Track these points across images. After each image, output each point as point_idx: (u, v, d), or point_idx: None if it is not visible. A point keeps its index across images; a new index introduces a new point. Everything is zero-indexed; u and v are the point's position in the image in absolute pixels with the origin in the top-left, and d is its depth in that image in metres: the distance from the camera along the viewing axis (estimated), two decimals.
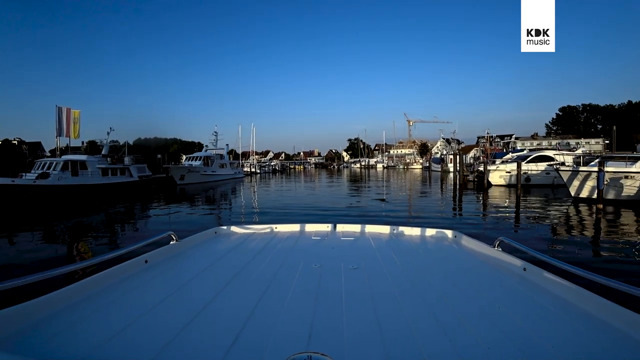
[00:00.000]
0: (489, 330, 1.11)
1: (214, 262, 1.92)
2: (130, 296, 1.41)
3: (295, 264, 1.85)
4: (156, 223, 12.72)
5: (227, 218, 13.75)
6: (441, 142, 79.05)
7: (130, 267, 1.71)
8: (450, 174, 42.91)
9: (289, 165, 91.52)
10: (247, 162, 58.07)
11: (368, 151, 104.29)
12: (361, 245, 2.34)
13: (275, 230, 2.78)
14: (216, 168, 37.18)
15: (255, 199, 20.52)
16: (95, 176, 21.69)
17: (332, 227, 2.80)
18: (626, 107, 72.60)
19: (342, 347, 1.00)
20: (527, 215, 11.93)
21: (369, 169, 74.38)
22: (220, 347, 1.00)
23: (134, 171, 25.29)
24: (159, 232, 2.08)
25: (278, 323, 1.16)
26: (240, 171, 45.67)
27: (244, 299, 1.38)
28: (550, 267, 1.51)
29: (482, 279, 1.62)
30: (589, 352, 0.99)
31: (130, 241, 2.51)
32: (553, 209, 13.50)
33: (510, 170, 21.13)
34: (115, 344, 1.02)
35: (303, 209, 14.59)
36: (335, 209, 14.54)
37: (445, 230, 2.57)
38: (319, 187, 28.58)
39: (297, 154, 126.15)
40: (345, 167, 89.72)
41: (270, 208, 15.55)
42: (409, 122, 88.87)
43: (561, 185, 20.71)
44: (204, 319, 1.20)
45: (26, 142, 69.82)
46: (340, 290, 1.46)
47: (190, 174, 32.42)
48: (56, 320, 1.16)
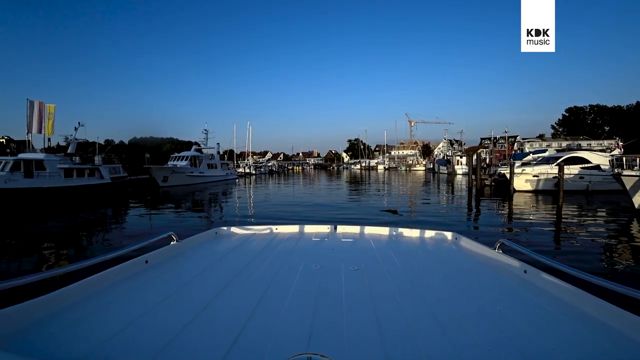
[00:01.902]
0: (489, 331, 1.11)
1: (214, 262, 1.92)
2: (131, 296, 1.39)
3: (295, 264, 1.84)
4: (116, 237, 10.03)
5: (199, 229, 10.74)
6: (444, 142, 76.54)
7: (131, 267, 1.70)
8: (458, 176, 40.51)
9: (287, 166, 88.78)
10: (243, 163, 55.31)
11: (368, 152, 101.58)
12: (361, 246, 2.32)
13: (276, 231, 2.76)
14: (205, 169, 34.14)
15: (238, 205, 17.58)
16: (55, 178, 18.63)
17: (332, 228, 2.79)
18: (635, 108, 70.92)
19: (342, 348, 1.00)
20: (589, 238, 8.89)
21: (370, 171, 71.41)
22: (221, 347, 1.00)
23: (105, 172, 22.25)
24: (159, 232, 2.07)
25: (278, 324, 1.16)
26: (233, 172, 42.58)
27: (245, 299, 1.37)
28: (551, 269, 1.49)
29: (482, 281, 1.61)
30: (589, 354, 0.98)
31: (128, 243, 1.86)
32: (618, 225, 10.38)
33: (538, 174, 18.23)
34: (116, 344, 1.02)
35: (297, 222, 11.56)
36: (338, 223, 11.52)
37: (446, 232, 2.58)
38: (317, 191, 25.49)
39: (296, 155, 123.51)
40: (345, 169, 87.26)
41: (260, 217, 12.79)
42: (411, 122, 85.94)
43: (598, 191, 17.81)
44: (204, 319, 1.19)
45: (15, 141, 67.05)
46: (340, 291, 1.45)
47: (175, 175, 29.43)
48: (56, 320, 1.15)
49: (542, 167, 18.42)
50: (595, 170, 18.06)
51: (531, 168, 18.39)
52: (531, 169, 18.33)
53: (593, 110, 77.23)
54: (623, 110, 72.74)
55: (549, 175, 18.02)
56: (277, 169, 70.32)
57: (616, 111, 73.82)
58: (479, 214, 13.21)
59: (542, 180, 18.20)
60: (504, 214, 13.13)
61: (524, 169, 18.11)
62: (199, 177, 32.67)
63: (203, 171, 33.66)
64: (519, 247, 1.72)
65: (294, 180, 41.43)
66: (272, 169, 65.76)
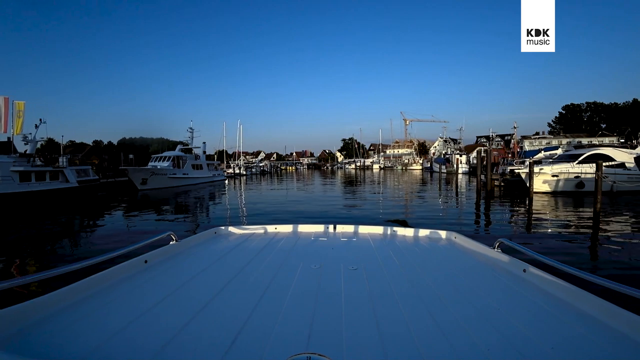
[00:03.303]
0: (488, 331, 1.11)
1: (213, 262, 1.91)
2: (130, 296, 1.39)
3: (294, 264, 1.84)
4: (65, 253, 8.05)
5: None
6: (439, 141, 74.96)
7: (130, 267, 1.69)
8: (458, 175, 38.61)
9: (280, 166, 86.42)
10: (234, 163, 52.89)
11: (363, 151, 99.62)
12: (361, 246, 2.31)
13: (275, 231, 2.75)
14: (189, 170, 31.68)
15: (211, 212, 15.34)
16: (7, 183, 16.16)
17: (331, 227, 2.78)
18: (631, 105, 70.81)
19: (341, 348, 1.00)
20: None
21: (365, 170, 69.39)
22: (220, 347, 0.99)
23: (71, 175, 19.76)
24: (158, 232, 2.05)
25: (277, 323, 1.15)
26: (221, 173, 40.08)
27: (244, 299, 1.37)
28: (550, 268, 1.48)
29: (481, 280, 1.60)
30: (588, 353, 0.98)
31: (129, 242, 1.82)
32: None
33: (558, 173, 16.25)
34: (115, 344, 1.02)
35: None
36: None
37: (445, 231, 2.54)
38: (310, 194, 23.29)
39: (290, 155, 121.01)
40: (339, 168, 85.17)
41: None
42: (406, 121, 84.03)
43: (623, 192, 15.99)
44: (203, 319, 1.19)
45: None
46: (339, 291, 1.45)
47: (155, 178, 27.01)
48: (56, 320, 1.15)
49: (563, 165, 16.42)
50: (620, 169, 16.19)
51: (549, 167, 16.37)
52: (550, 168, 16.30)
53: (590, 108, 76.88)
54: (619, 107, 72.53)
55: (570, 174, 16.08)
56: (269, 169, 67.95)
57: (612, 108, 73.56)
58: (489, 221, 11.25)
59: (561, 180, 16.22)
60: (521, 221, 11.15)
61: (542, 168, 16.09)
62: (183, 178, 30.23)
63: (187, 172, 31.20)
64: (518, 246, 1.71)
65: (286, 181, 39.00)
66: (263, 170, 63.38)
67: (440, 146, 71.74)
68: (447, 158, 48.25)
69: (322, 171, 77.02)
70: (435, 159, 52.11)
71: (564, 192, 16.28)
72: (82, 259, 1.43)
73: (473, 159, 48.49)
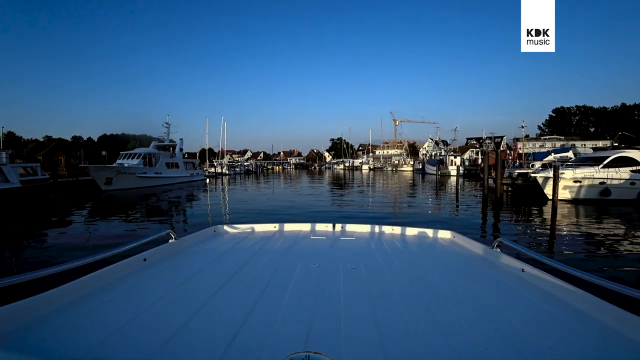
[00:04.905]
0: (487, 330, 1.10)
1: (212, 260, 1.89)
2: (129, 294, 1.38)
3: (294, 263, 1.83)
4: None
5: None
6: (429, 142, 73.57)
7: (129, 265, 1.69)
8: (451, 177, 36.81)
9: (266, 166, 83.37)
10: (218, 162, 49.79)
11: (352, 152, 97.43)
12: (360, 245, 2.30)
13: (274, 230, 2.74)
14: (162, 168, 28.66)
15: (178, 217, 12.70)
16: None
17: (331, 226, 2.77)
18: (620, 109, 71.52)
19: (340, 347, 0.99)
20: None
21: (354, 171, 67.14)
22: (219, 345, 0.99)
23: (12, 174, 16.62)
24: (157, 230, 2.03)
25: (276, 322, 1.14)
26: (200, 172, 37.05)
27: (243, 297, 1.36)
28: (548, 268, 1.48)
29: (480, 280, 1.60)
30: (586, 352, 0.98)
31: (127, 240, 1.85)
32: None
33: (581, 179, 14.23)
34: (114, 342, 1.01)
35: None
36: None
37: (444, 230, 2.54)
38: (297, 197, 20.77)
39: (277, 154, 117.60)
40: (327, 168, 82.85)
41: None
42: (395, 121, 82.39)
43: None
44: (202, 317, 1.18)
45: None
46: (338, 290, 1.44)
47: (122, 177, 24.01)
48: (55, 318, 1.14)
49: (586, 169, 14.41)
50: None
51: (571, 171, 14.33)
52: (571, 173, 14.27)
53: (579, 111, 77.28)
54: (608, 111, 73.06)
55: (594, 180, 14.09)
56: (254, 168, 64.95)
57: (601, 112, 74.05)
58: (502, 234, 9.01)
59: (584, 186, 14.21)
60: (541, 235, 9.02)
61: (563, 173, 14.06)
62: (155, 178, 27.23)
63: (160, 171, 28.19)
64: (517, 245, 1.71)
65: (272, 182, 36.27)
66: (248, 169, 60.34)
67: (430, 147, 70.22)
68: (440, 159, 46.45)
69: (309, 171, 74.67)
70: (428, 160, 50.24)
71: (587, 199, 14.28)
72: (82, 257, 1.41)
73: (466, 160, 47.08)
